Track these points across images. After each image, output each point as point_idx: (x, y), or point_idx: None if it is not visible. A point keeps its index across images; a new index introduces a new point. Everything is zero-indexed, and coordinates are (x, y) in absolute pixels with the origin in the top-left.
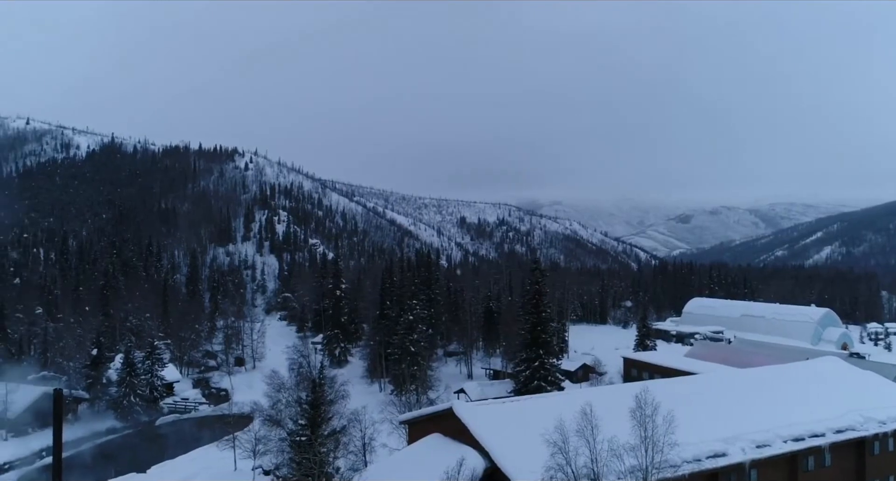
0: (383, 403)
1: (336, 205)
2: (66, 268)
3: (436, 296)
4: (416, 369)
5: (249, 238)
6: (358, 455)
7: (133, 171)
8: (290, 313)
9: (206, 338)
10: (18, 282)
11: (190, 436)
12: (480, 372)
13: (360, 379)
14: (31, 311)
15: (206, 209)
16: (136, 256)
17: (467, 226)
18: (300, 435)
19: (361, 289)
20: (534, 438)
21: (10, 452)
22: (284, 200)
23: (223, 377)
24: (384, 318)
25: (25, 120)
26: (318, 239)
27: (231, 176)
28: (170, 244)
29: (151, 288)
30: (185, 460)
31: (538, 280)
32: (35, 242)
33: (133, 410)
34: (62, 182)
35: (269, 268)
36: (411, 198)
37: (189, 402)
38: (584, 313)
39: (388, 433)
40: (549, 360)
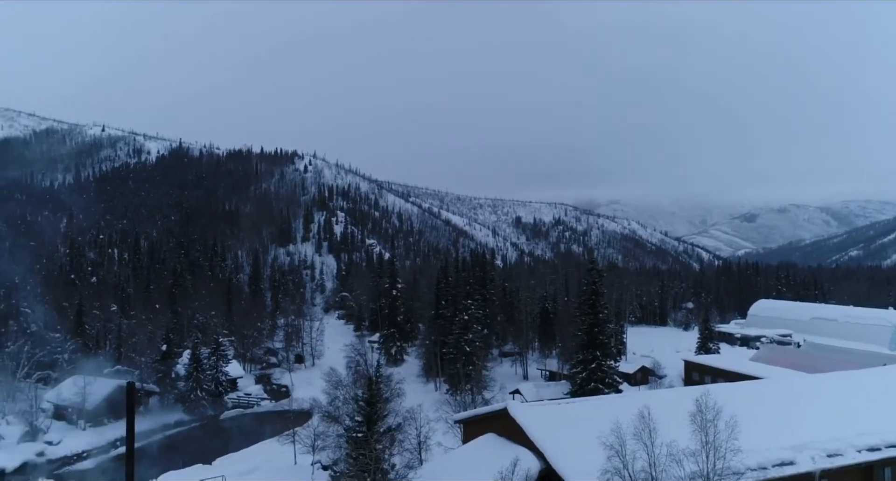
0: (438, 402)
1: (392, 206)
2: (138, 267)
3: (491, 296)
4: (470, 369)
5: (309, 238)
6: (413, 452)
7: (199, 175)
8: (348, 312)
9: (267, 335)
10: (95, 281)
11: (252, 431)
12: (536, 373)
13: (416, 377)
14: (107, 308)
15: (268, 210)
16: (202, 256)
17: (523, 225)
18: (357, 432)
19: (417, 289)
20: (590, 440)
21: (87, 441)
22: (342, 201)
23: (284, 374)
24: (439, 318)
25: (101, 127)
26: (375, 239)
27: (291, 178)
28: (233, 244)
29: (216, 287)
30: (248, 453)
31: (595, 280)
32: (110, 243)
33: (199, 404)
34: (134, 185)
35: (327, 267)
36: (466, 199)
37: (251, 398)
38: (643, 314)
39: (444, 432)
40: (607, 362)
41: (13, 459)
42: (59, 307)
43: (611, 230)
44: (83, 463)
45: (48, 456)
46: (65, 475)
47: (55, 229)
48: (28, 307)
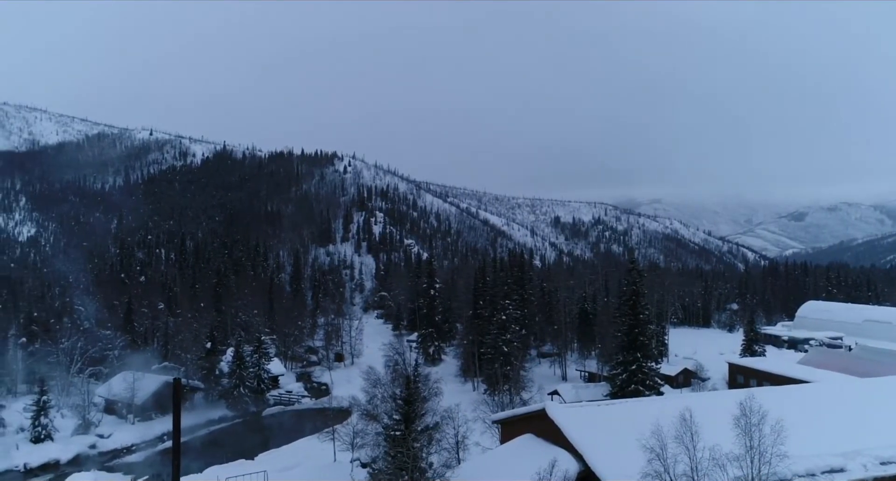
0: (476, 402)
1: (430, 206)
2: (184, 267)
3: (529, 296)
4: (508, 369)
5: (348, 239)
6: (451, 452)
7: (242, 176)
8: (387, 311)
9: (308, 334)
10: (143, 280)
11: (293, 427)
12: (575, 374)
13: (454, 377)
14: (155, 307)
15: (308, 211)
16: (245, 256)
17: (562, 225)
18: (395, 430)
19: (455, 289)
20: (629, 443)
21: (135, 435)
22: (381, 202)
23: (324, 372)
24: (477, 318)
25: (149, 131)
26: (413, 239)
27: (331, 179)
28: (275, 244)
29: (259, 286)
30: (289, 449)
31: (635, 280)
32: (157, 243)
33: (242, 401)
34: (180, 187)
35: (366, 267)
36: (504, 199)
37: (293, 395)
38: (685, 316)
39: (481, 432)
40: (648, 364)
41: (68, 451)
42: (109, 305)
43: (652, 230)
44: (132, 456)
45: (99, 449)
46: (115, 467)
47: (106, 230)
48: (81, 304)
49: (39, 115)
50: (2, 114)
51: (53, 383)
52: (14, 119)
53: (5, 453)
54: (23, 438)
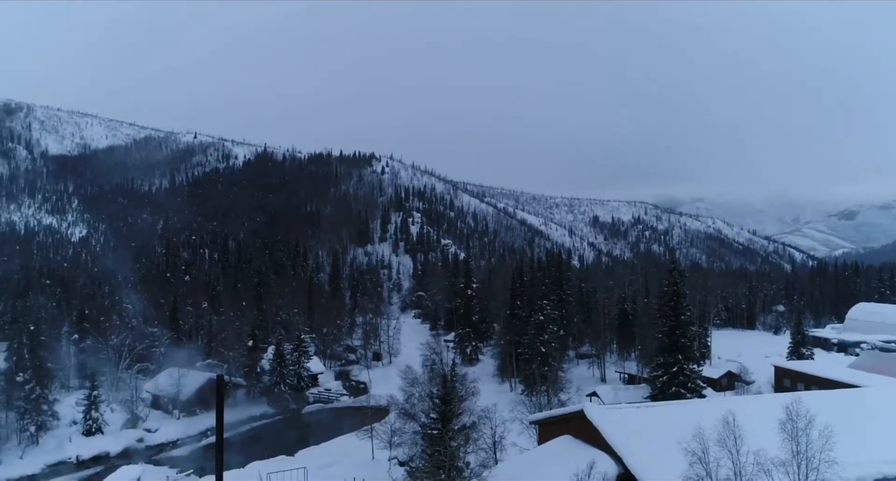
0: (513, 402)
1: (467, 207)
2: (226, 266)
3: (567, 296)
4: (546, 370)
5: (386, 239)
6: (488, 452)
7: (283, 178)
8: (424, 311)
9: (346, 333)
10: (188, 279)
11: (332, 425)
12: (614, 375)
13: (491, 377)
14: (199, 305)
15: (347, 212)
16: (285, 256)
17: (600, 225)
18: (432, 429)
19: (492, 289)
20: (670, 446)
21: (180, 430)
22: (418, 202)
23: (362, 370)
24: (514, 318)
25: (193, 134)
26: (450, 239)
27: (369, 180)
28: (315, 245)
29: (299, 285)
30: (328, 447)
31: (677, 281)
32: (201, 243)
33: (283, 398)
34: (223, 189)
35: (404, 267)
36: (542, 198)
37: (332, 393)
38: (729, 317)
39: (519, 432)
40: (690, 366)
41: (117, 444)
42: (156, 303)
43: (694, 229)
44: (176, 450)
45: (147, 443)
46: (161, 461)
47: (153, 230)
48: (129, 302)
49: (90, 120)
50: (56, 119)
51: (103, 378)
52: (67, 124)
53: (59, 445)
54: (75, 431)
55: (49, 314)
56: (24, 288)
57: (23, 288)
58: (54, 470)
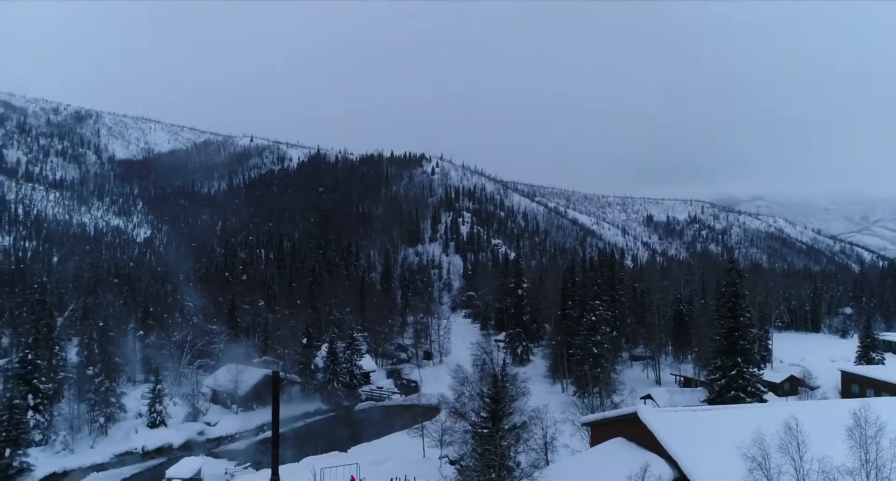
0: (565, 404)
1: (518, 206)
2: (282, 266)
3: (620, 296)
4: (598, 371)
5: (436, 239)
6: (539, 452)
7: (335, 179)
8: (474, 311)
9: (398, 332)
10: (245, 279)
11: (383, 422)
12: (669, 378)
13: (542, 378)
14: (255, 303)
15: (398, 212)
16: (338, 256)
17: (654, 224)
18: (482, 428)
19: (543, 289)
20: (728, 451)
21: (238, 424)
22: (468, 202)
23: (413, 369)
24: (566, 318)
25: (250, 138)
26: (500, 239)
27: (419, 180)
28: (366, 245)
29: (351, 285)
30: (380, 444)
31: (735, 281)
32: (258, 244)
33: (336, 395)
34: (278, 190)
35: (454, 267)
36: (594, 197)
37: (383, 391)
38: (791, 320)
39: (571, 434)
40: (749, 369)
41: (179, 436)
42: (215, 301)
43: (753, 228)
44: (234, 443)
45: (207, 436)
46: (220, 454)
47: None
48: (190, 301)
49: (154, 126)
50: (122, 125)
51: (166, 373)
52: (132, 129)
53: (126, 436)
54: (141, 423)
55: (116, 311)
56: (94, 286)
57: (93, 286)
58: (121, 459)
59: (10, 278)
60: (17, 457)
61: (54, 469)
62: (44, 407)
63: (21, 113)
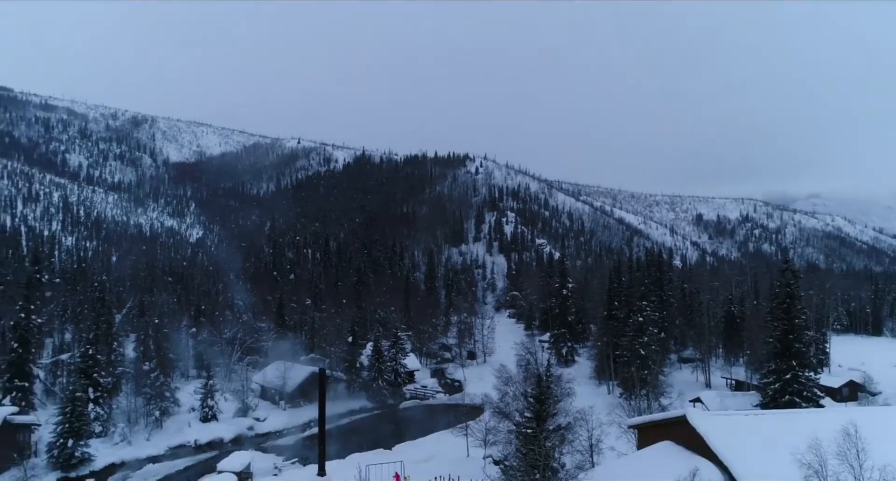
0: (611, 405)
1: (562, 206)
2: (328, 265)
3: (668, 297)
4: (646, 373)
5: (480, 238)
6: (584, 454)
7: (380, 180)
8: (518, 311)
9: (441, 331)
10: (293, 278)
11: (427, 421)
12: (720, 381)
13: (588, 379)
14: (303, 302)
15: (441, 212)
16: (382, 256)
17: (704, 223)
18: (526, 428)
19: (588, 289)
20: (781, 457)
21: (285, 420)
22: (512, 202)
23: (457, 369)
24: (612, 319)
25: (297, 140)
26: (545, 239)
27: (463, 180)
28: (410, 245)
29: (395, 284)
30: (424, 442)
31: (790, 282)
32: (305, 244)
33: (380, 393)
34: (324, 191)
35: (497, 267)
36: (641, 196)
37: (427, 390)
38: (851, 322)
39: (617, 436)
40: (805, 373)
41: (230, 430)
42: (264, 300)
43: (810, 227)
44: (282, 439)
45: (256, 431)
46: (268, 448)
47: (260, 231)
48: (240, 299)
49: (205, 129)
50: (175, 129)
51: (218, 369)
52: (185, 133)
53: (179, 429)
54: (193, 417)
55: (171, 308)
56: (150, 284)
57: (148, 284)
58: (175, 452)
59: (73, 277)
60: (79, 447)
61: (113, 460)
62: (103, 401)
63: (82, 119)
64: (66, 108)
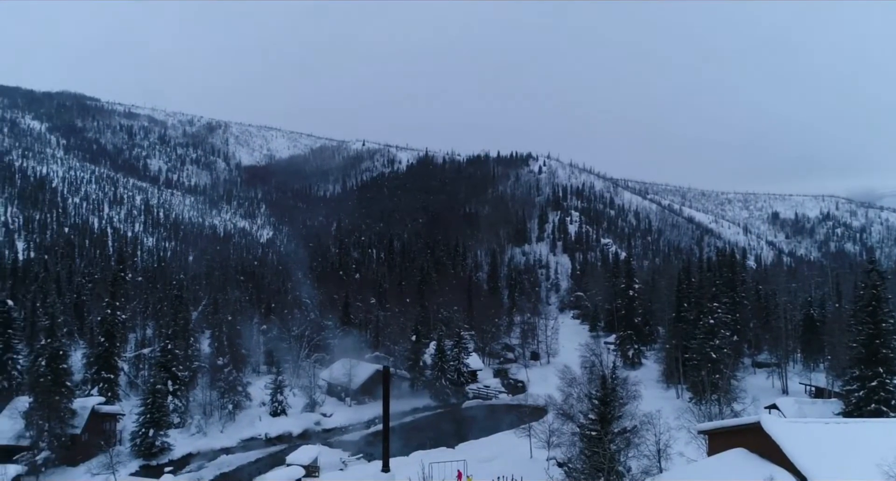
0: (680, 410)
1: (628, 204)
2: (392, 265)
3: (742, 299)
4: (717, 377)
5: (543, 238)
6: (651, 459)
7: (443, 180)
8: (583, 312)
9: (504, 331)
10: (358, 277)
11: (490, 421)
12: (798, 388)
13: (655, 382)
14: (367, 301)
15: (504, 212)
16: (445, 255)
17: (781, 222)
18: (590, 430)
19: (656, 290)
20: (867, 468)
21: (351, 416)
22: (576, 201)
23: (520, 369)
24: (681, 321)
25: (362, 142)
26: (610, 238)
27: (526, 179)
28: (473, 244)
29: (458, 284)
30: (486, 442)
31: (876, 283)
32: (370, 244)
33: (443, 392)
34: (388, 192)
35: (561, 267)
36: (712, 194)
37: (490, 390)
38: None
39: (686, 442)
40: (893, 381)
41: (298, 425)
42: (330, 298)
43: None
44: (347, 435)
45: (322, 426)
46: (334, 444)
47: (327, 232)
48: (308, 298)
49: (275, 133)
50: (247, 134)
51: (286, 365)
52: (256, 137)
53: (251, 423)
54: (264, 411)
55: (243, 306)
56: (223, 283)
57: (222, 283)
58: (246, 444)
59: (153, 275)
60: (159, 437)
61: (190, 450)
62: (181, 393)
63: (162, 126)
64: (148, 116)
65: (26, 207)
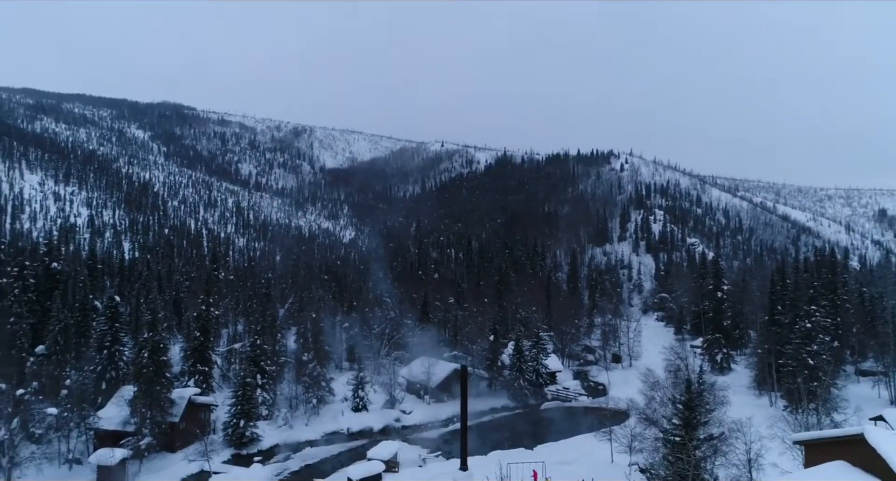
0: (773, 418)
1: (717, 202)
2: (470, 265)
3: (843, 302)
4: (815, 385)
5: (625, 238)
6: (741, 468)
7: (521, 180)
8: (667, 314)
9: (584, 333)
10: (437, 277)
11: (569, 423)
12: None
13: (746, 389)
14: (446, 300)
15: (584, 211)
16: (524, 255)
17: (889, 219)
18: (674, 435)
19: (747, 292)
20: None
21: (429, 414)
22: (660, 199)
23: (601, 371)
24: (775, 325)
25: (441, 143)
26: (697, 237)
27: (607, 178)
28: (552, 244)
29: (537, 284)
30: (565, 444)
31: None
32: (448, 244)
33: (522, 392)
34: (467, 192)
35: (644, 267)
36: (809, 190)
37: (569, 392)
38: None
39: (780, 452)
40: None
41: (378, 421)
42: (409, 297)
43: None
44: (426, 432)
45: (402, 423)
46: (413, 441)
47: (407, 232)
48: (388, 297)
49: (357, 136)
50: (330, 137)
51: (367, 362)
52: (339, 141)
53: (334, 417)
54: (346, 407)
55: (326, 304)
56: (308, 282)
57: (307, 282)
58: (329, 438)
59: (244, 274)
60: (249, 428)
61: (277, 441)
62: (269, 387)
63: (251, 132)
64: (239, 123)
65: (132, 210)
